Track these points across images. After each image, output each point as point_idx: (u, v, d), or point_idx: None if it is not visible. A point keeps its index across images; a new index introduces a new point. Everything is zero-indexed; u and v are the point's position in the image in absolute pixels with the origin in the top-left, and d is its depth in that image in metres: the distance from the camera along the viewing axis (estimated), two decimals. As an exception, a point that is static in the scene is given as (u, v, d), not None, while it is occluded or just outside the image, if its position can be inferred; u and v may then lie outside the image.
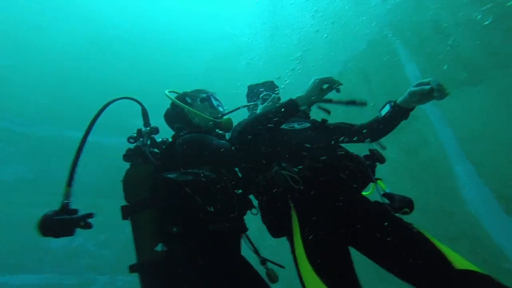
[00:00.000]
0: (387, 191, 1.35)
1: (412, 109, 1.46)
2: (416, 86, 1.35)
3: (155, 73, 10.59)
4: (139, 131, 1.58)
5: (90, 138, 1.36)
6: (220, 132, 1.77)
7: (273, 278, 1.48)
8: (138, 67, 10.66)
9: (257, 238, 1.64)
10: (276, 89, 1.99)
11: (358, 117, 1.73)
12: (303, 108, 1.41)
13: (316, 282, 1.00)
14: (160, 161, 1.50)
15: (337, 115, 1.74)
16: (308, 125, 1.65)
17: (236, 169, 1.64)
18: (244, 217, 1.58)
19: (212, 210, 1.34)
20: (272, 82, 2.04)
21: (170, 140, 1.67)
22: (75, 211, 1.21)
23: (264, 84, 2.00)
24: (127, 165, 1.55)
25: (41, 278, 6.63)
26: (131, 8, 11.46)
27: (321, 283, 0.98)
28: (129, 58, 10.54)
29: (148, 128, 1.59)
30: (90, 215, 1.20)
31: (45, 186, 5.49)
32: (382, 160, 1.43)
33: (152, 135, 1.60)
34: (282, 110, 1.38)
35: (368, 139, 1.65)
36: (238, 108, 1.92)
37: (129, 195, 1.48)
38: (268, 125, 1.36)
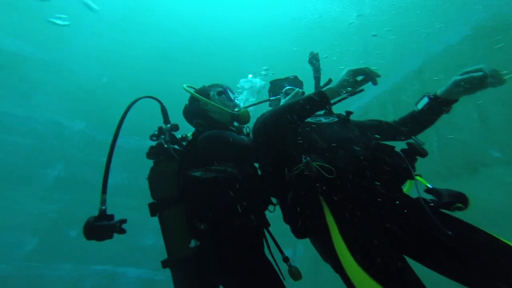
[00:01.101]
0: (430, 186, 1.18)
1: (455, 101, 1.38)
2: (462, 74, 1.27)
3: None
4: (160, 128, 1.61)
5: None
6: (237, 125, 1.78)
7: (296, 275, 1.43)
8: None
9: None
10: (301, 84, 1.89)
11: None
12: (333, 101, 1.30)
13: (371, 285, 0.87)
14: (182, 158, 1.51)
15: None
16: (336, 119, 1.53)
17: (257, 165, 1.59)
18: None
19: (238, 206, 1.34)
20: (295, 77, 1.93)
21: (189, 136, 1.70)
22: (111, 217, 1.30)
23: (287, 79, 1.90)
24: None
25: (140, 272, 7.46)
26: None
27: (378, 286, 0.86)
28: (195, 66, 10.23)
29: (169, 125, 1.63)
30: (124, 221, 1.29)
31: (136, 191, 5.88)
32: (423, 153, 1.24)
33: (172, 132, 1.63)
34: (310, 102, 1.28)
35: (403, 137, 1.55)
36: (259, 103, 1.85)
37: (155, 192, 1.50)
38: (294, 117, 1.26)
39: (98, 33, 9.52)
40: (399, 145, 1.30)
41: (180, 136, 1.69)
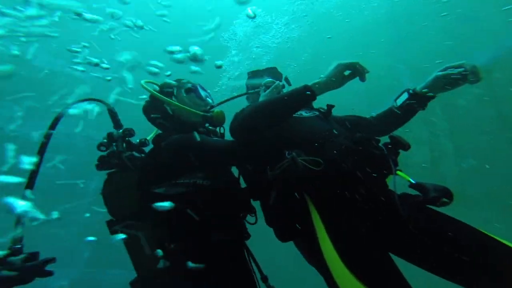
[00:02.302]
0: (413, 181, 1.14)
1: (433, 97, 1.40)
2: (443, 70, 1.30)
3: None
4: (110, 135, 1.38)
5: None
6: (210, 128, 1.60)
7: None
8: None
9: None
10: (280, 76, 1.74)
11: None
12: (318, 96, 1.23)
13: (354, 284, 0.88)
14: (143, 169, 1.34)
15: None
16: (317, 113, 1.49)
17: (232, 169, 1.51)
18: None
19: (212, 220, 1.24)
20: (275, 68, 1.78)
21: (150, 139, 1.49)
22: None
23: (266, 71, 1.74)
24: None
25: None
26: None
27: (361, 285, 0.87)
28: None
29: (121, 130, 1.39)
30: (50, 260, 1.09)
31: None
32: (406, 146, 1.20)
33: (127, 138, 1.39)
34: (295, 98, 1.22)
35: (380, 134, 1.54)
36: (236, 97, 1.70)
37: (114, 209, 1.34)
38: (276, 115, 1.21)
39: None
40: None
41: (138, 140, 1.46)
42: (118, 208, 1.32)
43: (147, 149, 1.47)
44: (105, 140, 1.38)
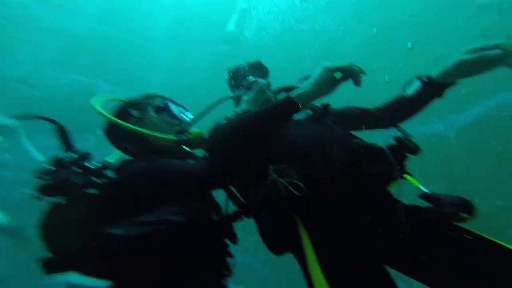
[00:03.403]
0: (424, 190, 0.99)
1: (452, 84, 1.22)
2: (470, 52, 1.08)
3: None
4: (58, 160, 1.11)
5: None
6: (187, 150, 1.35)
7: None
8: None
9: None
10: (265, 72, 1.53)
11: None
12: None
13: None
14: (99, 201, 1.10)
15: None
16: (310, 112, 1.32)
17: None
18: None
19: (187, 261, 1.07)
20: (259, 62, 1.55)
21: (110, 161, 1.26)
22: None
23: (250, 67, 1.52)
24: None
25: None
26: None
27: None
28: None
29: (74, 154, 1.14)
30: None
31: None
32: (415, 149, 1.05)
33: (81, 162, 1.14)
34: (275, 115, 1.06)
35: (386, 125, 1.38)
36: (214, 104, 1.44)
37: (53, 246, 1.10)
38: (253, 135, 1.08)
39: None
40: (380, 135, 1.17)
41: (99, 164, 1.19)
42: (60, 245, 1.10)
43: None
44: (48, 166, 1.13)
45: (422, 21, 7.38)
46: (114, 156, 1.41)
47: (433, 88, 1.24)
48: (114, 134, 1.34)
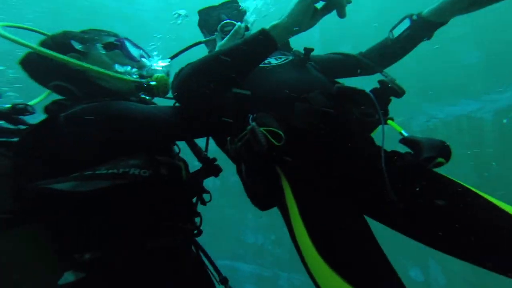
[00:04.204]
0: (406, 134, 0.96)
1: (443, 23, 1.13)
2: None
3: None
4: None
5: None
6: (147, 98, 1.19)
7: None
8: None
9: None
10: (242, 14, 1.36)
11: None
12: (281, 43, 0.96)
13: (331, 277, 0.77)
14: (22, 152, 0.92)
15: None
16: (290, 57, 1.23)
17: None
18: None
19: (150, 224, 0.94)
20: (235, 1, 1.36)
21: (32, 107, 1.05)
22: None
23: (223, 7, 1.35)
24: None
25: (251, 268, 7.88)
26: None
27: (339, 279, 0.76)
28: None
29: None
30: None
31: (229, 190, 6.14)
32: (399, 92, 1.01)
33: None
34: (247, 51, 0.94)
35: (370, 71, 1.32)
36: (185, 49, 1.31)
37: None
38: (225, 75, 0.94)
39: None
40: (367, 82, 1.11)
41: (10, 105, 1.01)
42: None
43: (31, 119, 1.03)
44: None
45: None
46: (36, 100, 1.16)
47: (422, 28, 1.15)
48: (44, 67, 1.04)
